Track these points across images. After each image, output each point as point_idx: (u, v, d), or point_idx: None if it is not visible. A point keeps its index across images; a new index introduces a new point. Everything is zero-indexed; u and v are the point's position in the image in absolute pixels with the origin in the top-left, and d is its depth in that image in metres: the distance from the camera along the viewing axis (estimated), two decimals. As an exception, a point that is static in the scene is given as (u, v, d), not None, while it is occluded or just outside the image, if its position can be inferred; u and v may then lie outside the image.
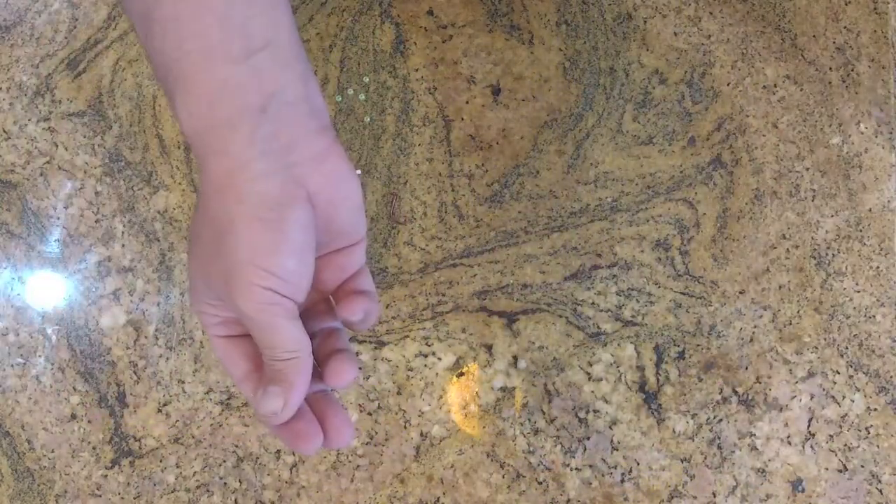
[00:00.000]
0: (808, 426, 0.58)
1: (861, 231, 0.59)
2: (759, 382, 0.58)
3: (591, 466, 0.57)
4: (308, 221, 0.35)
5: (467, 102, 0.59)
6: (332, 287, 0.40)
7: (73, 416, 0.57)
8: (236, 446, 0.57)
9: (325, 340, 0.39)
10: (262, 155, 0.34)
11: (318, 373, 0.39)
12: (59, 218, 0.58)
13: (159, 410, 0.57)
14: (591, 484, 0.57)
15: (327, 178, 0.36)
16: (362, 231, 0.39)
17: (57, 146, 0.59)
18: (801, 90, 0.60)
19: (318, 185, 0.35)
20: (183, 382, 0.57)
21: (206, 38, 0.33)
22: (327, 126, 0.36)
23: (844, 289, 0.59)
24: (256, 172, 0.34)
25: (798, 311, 0.59)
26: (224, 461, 0.57)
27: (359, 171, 0.58)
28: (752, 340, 0.58)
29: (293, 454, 0.57)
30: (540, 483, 0.57)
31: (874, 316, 0.59)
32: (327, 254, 0.39)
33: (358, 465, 0.57)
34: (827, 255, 0.59)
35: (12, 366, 0.57)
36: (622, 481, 0.57)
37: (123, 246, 0.58)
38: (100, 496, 0.57)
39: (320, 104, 0.36)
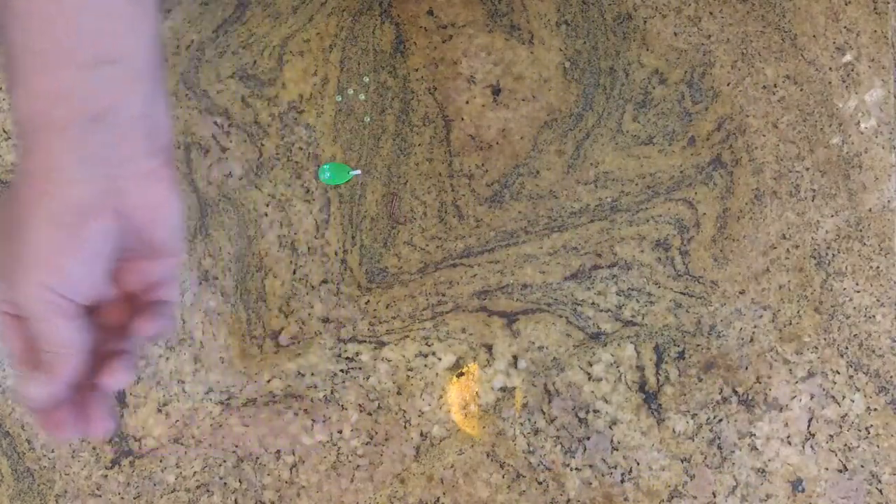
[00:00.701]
0: (808, 426, 0.58)
1: (861, 231, 0.59)
2: (759, 382, 0.58)
3: (591, 466, 0.57)
4: (108, 236, 0.36)
5: (467, 102, 0.59)
6: (135, 289, 0.40)
7: (73, 416, 0.57)
8: (236, 446, 0.57)
9: (113, 337, 0.39)
10: (81, 162, 0.34)
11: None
12: (59, 218, 0.58)
13: (159, 410, 0.57)
14: (591, 484, 0.57)
15: (148, 197, 0.37)
16: (178, 251, 0.40)
17: (57, 146, 0.59)
18: (801, 90, 0.60)
19: (137, 202, 0.36)
20: (183, 382, 0.57)
21: (55, 41, 0.33)
22: (163, 148, 0.37)
23: (844, 289, 0.59)
24: (71, 177, 0.34)
25: (798, 311, 0.59)
26: (224, 461, 0.57)
27: (359, 171, 0.58)
28: (752, 340, 0.58)
29: (293, 454, 0.57)
30: (540, 483, 0.57)
31: (874, 316, 0.59)
32: (137, 258, 0.39)
33: (358, 465, 0.57)
34: (827, 255, 0.59)
35: (12, 366, 0.57)
36: (622, 481, 0.57)
37: (123, 246, 0.58)
38: (100, 496, 0.57)
39: (163, 125, 0.37)
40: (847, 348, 0.58)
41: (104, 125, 0.34)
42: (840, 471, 0.58)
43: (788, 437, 0.58)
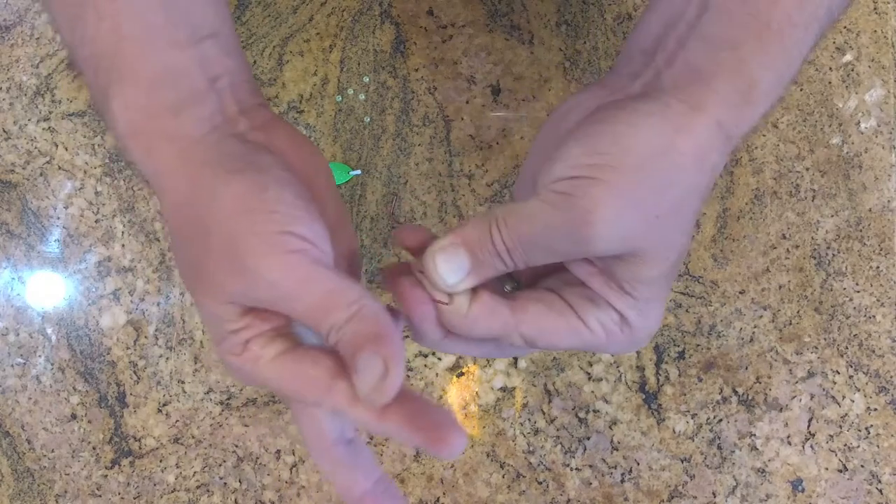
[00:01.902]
0: (808, 426, 0.58)
1: (861, 231, 0.59)
2: (759, 382, 0.58)
3: (591, 466, 0.57)
4: (283, 164, 0.31)
5: (467, 102, 0.59)
6: None
7: (73, 416, 0.57)
8: (236, 446, 0.57)
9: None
10: (213, 129, 0.31)
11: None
12: (59, 218, 0.58)
13: (159, 410, 0.57)
14: (591, 484, 0.57)
15: (286, 139, 0.33)
16: (350, 227, 0.34)
17: (57, 146, 0.59)
18: (801, 90, 0.60)
19: (281, 146, 0.33)
20: (183, 382, 0.57)
21: (147, 21, 0.30)
22: (267, 104, 0.34)
23: (844, 289, 0.59)
24: (212, 141, 0.31)
25: (798, 311, 0.59)
26: (224, 461, 0.57)
27: (359, 171, 0.58)
28: (752, 340, 0.58)
29: (293, 454, 0.57)
30: (540, 483, 0.57)
31: (874, 316, 0.59)
32: None
33: (358, 465, 0.57)
34: (827, 255, 0.59)
35: (12, 366, 0.57)
36: (622, 481, 0.57)
37: (123, 246, 0.58)
38: (100, 496, 0.57)
39: (258, 88, 0.35)
40: (847, 348, 0.58)
41: (215, 92, 0.32)
42: (840, 471, 0.58)
43: (788, 437, 0.58)
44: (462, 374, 0.58)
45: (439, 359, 0.58)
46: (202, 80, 0.31)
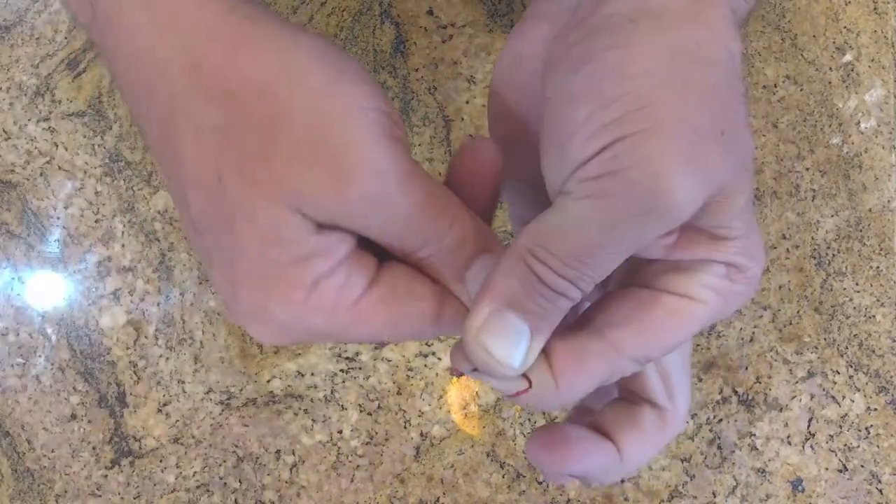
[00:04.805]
0: (808, 426, 0.58)
1: (861, 231, 0.59)
2: (759, 382, 0.58)
3: (591, 466, 0.57)
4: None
5: (467, 102, 0.59)
6: None
7: (73, 416, 0.57)
8: (236, 446, 0.57)
9: None
10: None
11: None
12: (59, 218, 0.58)
13: (159, 410, 0.57)
14: (591, 484, 0.57)
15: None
16: None
17: (57, 146, 0.59)
18: (801, 90, 0.60)
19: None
20: (183, 382, 0.57)
21: None
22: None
23: (844, 289, 0.59)
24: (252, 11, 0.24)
25: (798, 311, 0.59)
26: (224, 461, 0.57)
27: (359, 171, 0.58)
28: (752, 340, 0.58)
29: (293, 454, 0.57)
30: (540, 483, 0.57)
31: (874, 316, 0.59)
32: None
33: (358, 465, 0.57)
34: (827, 255, 0.59)
35: (12, 366, 0.57)
36: (622, 481, 0.57)
37: (123, 246, 0.58)
38: (100, 496, 0.57)
39: None
40: (847, 348, 0.58)
41: None
42: (840, 471, 0.58)
43: (788, 437, 0.58)
44: (462, 374, 0.58)
45: (439, 359, 0.58)
46: None
